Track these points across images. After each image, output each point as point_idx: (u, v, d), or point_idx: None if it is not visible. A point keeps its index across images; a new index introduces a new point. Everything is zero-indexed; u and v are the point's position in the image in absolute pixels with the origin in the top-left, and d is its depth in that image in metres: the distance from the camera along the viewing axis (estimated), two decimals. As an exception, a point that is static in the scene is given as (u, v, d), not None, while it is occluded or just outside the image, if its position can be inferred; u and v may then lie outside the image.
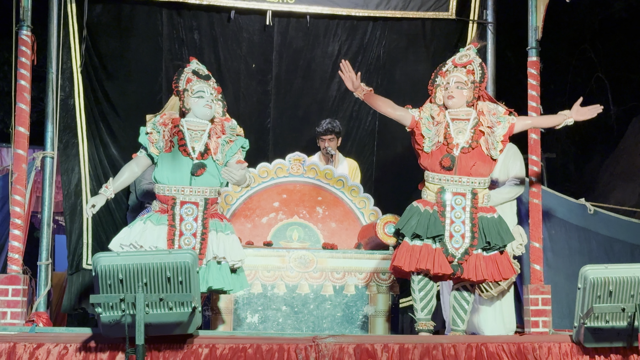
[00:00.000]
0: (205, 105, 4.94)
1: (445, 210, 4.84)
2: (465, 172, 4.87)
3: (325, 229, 6.21)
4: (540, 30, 6.01)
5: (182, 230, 4.81)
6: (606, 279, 3.94)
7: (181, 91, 5.01)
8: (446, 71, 5.01)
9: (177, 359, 3.97)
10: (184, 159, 4.88)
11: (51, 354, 3.96)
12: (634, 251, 6.45)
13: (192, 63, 5.11)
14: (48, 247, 6.10)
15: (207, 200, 4.88)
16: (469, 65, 4.98)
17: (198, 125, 4.97)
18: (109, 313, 3.79)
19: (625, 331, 3.99)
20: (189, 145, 4.89)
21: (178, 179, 4.86)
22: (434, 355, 4.06)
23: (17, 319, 5.29)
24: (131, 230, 4.85)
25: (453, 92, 4.93)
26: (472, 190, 4.87)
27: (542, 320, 5.65)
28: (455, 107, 4.95)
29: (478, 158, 4.89)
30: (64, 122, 6.54)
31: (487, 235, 4.82)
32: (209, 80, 5.07)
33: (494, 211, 4.96)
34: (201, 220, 4.84)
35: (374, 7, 6.92)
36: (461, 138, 4.88)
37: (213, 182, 4.91)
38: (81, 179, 6.63)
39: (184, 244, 4.77)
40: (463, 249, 4.80)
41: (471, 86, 4.94)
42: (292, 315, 5.72)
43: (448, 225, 4.82)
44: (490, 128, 4.92)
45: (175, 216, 4.83)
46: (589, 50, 12.12)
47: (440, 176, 4.89)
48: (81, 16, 6.60)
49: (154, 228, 4.81)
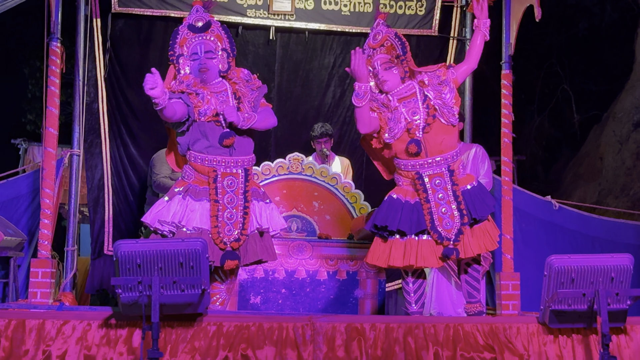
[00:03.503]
0: (200, 68, 4.25)
1: (427, 196, 4.34)
2: (437, 151, 4.33)
3: (320, 220, 6.21)
4: (513, 46, 6.02)
5: (224, 204, 4.23)
6: (569, 268, 3.95)
7: (176, 58, 4.32)
8: (369, 57, 4.37)
9: (188, 335, 3.97)
10: (217, 127, 4.23)
11: (76, 330, 3.96)
12: (594, 243, 6.46)
13: (191, 11, 4.35)
14: (74, 235, 6.11)
15: (247, 171, 4.30)
16: (386, 42, 4.37)
17: (217, 88, 4.28)
18: (127, 294, 3.79)
19: (586, 314, 4.00)
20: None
21: (217, 149, 4.21)
22: (415, 333, 4.06)
23: (46, 298, 5.28)
24: (170, 206, 4.28)
25: (383, 75, 4.34)
26: (448, 167, 4.35)
27: (512, 304, 5.65)
28: (393, 89, 4.37)
29: (443, 132, 4.33)
30: (89, 124, 6.55)
31: (473, 211, 4.34)
32: (208, 30, 4.27)
33: (472, 179, 4.49)
34: (243, 192, 4.27)
35: (366, 24, 6.91)
36: (417, 118, 4.31)
37: (249, 149, 4.34)
38: (104, 175, 6.63)
39: (227, 218, 4.23)
40: (456, 230, 4.31)
41: (397, 61, 4.35)
42: (291, 297, 5.73)
43: (434, 210, 4.32)
44: (441, 99, 4.33)
45: (218, 190, 4.23)
46: (555, 65, 12.14)
47: (413, 162, 4.36)
48: (105, 30, 6.61)
49: (195, 205, 4.25)
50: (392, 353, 4.01)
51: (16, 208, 6.11)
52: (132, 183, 6.75)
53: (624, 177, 9.93)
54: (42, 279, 5.34)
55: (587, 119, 11.82)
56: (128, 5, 6.57)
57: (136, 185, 6.75)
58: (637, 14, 10.60)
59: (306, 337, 3.99)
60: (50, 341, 3.92)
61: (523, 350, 4.06)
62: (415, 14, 6.95)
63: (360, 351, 3.98)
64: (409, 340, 4.04)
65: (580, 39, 12.18)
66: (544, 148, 12.56)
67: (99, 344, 3.94)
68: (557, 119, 12.34)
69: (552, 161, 12.56)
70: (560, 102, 12.03)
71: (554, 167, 12.34)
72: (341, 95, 7.12)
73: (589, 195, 10.23)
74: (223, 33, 4.36)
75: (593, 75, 11.90)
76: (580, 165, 10.90)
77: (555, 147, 12.57)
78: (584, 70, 12.04)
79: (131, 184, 6.74)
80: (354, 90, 4.32)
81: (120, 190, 6.70)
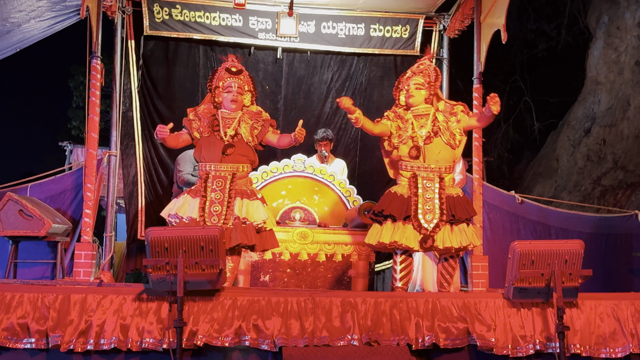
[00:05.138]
0: (232, 99, 4.73)
1: (417, 191, 4.59)
2: (433, 160, 4.63)
3: (320, 211, 6.21)
4: (483, 64, 6.02)
5: (212, 199, 4.62)
6: (530, 251, 3.95)
7: (213, 88, 4.79)
8: (407, 77, 4.80)
9: (208, 307, 3.97)
10: (218, 141, 4.68)
11: (113, 303, 3.96)
12: (551, 231, 6.46)
13: (228, 59, 4.87)
14: (112, 223, 6.13)
15: (234, 175, 4.67)
16: (425, 71, 4.78)
17: (230, 114, 4.75)
18: (157, 273, 3.79)
19: (544, 290, 4.00)
20: (222, 130, 4.70)
21: (212, 157, 4.68)
22: (400, 307, 4.06)
23: (88, 276, 5.29)
24: (175, 202, 4.72)
25: (413, 92, 4.72)
26: (439, 175, 4.63)
27: (481, 282, 5.67)
28: (415, 105, 4.72)
29: (441, 147, 4.65)
30: (125, 129, 6.55)
31: (453, 210, 4.57)
32: (240, 74, 4.79)
33: (459, 191, 4.75)
34: (227, 191, 4.64)
35: (359, 45, 6.92)
36: (423, 131, 4.66)
37: (242, 160, 4.72)
38: (137, 173, 6.63)
39: (213, 211, 4.60)
40: (434, 223, 4.55)
41: (427, 86, 4.73)
42: (295, 276, 5.73)
43: (421, 204, 4.56)
44: (446, 122, 4.68)
45: (208, 188, 4.64)
46: (519, 80, 12.12)
47: (412, 164, 4.65)
48: (138, 49, 6.62)
49: (191, 201, 4.65)
50: (380, 323, 4.01)
51: (63, 200, 6.12)
52: (161, 179, 6.74)
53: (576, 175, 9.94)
54: (85, 260, 5.36)
55: (545, 126, 11.81)
56: (158, 28, 6.57)
57: (165, 181, 6.74)
58: (588, 37, 10.59)
59: (308, 310, 4.00)
60: (92, 312, 3.92)
61: (491, 321, 4.06)
62: (400, 37, 6.95)
63: (353, 321, 3.98)
64: (394, 313, 4.04)
65: (539, 59, 12.18)
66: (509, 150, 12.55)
67: (132, 315, 3.93)
68: (520, 126, 12.33)
69: (516, 162, 12.55)
70: (523, 111, 12.01)
71: (517, 166, 12.33)
72: (338, 106, 7.08)
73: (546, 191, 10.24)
74: (249, 80, 4.87)
75: (551, 89, 11.88)
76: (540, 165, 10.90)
77: (518, 150, 12.56)
78: (543, 84, 12.02)
79: (160, 180, 6.74)
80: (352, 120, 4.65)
81: (151, 185, 6.70)
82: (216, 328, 3.92)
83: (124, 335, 3.89)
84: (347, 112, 4.63)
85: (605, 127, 9.74)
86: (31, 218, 5.41)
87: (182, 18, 6.61)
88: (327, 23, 6.84)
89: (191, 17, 6.61)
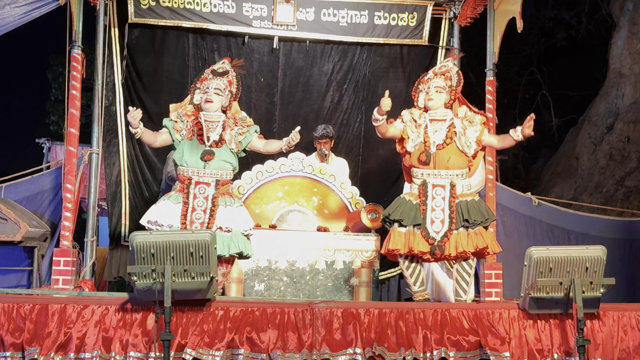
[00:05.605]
0: (206, 99, 4.82)
1: (427, 200, 4.71)
2: (443, 166, 4.74)
3: (319, 214, 6.21)
4: (497, 55, 6.02)
5: (194, 206, 4.70)
6: (547, 258, 3.95)
7: (192, 88, 4.94)
8: (427, 79, 4.91)
9: (198, 319, 3.97)
10: (201, 146, 4.78)
11: (95, 314, 3.96)
12: (570, 235, 6.46)
13: (218, 63, 5.01)
14: (93, 226, 6.11)
15: (218, 182, 4.76)
16: (447, 73, 4.89)
17: (213, 117, 4.85)
18: (142, 281, 3.79)
19: (562, 301, 4.00)
20: (205, 134, 4.80)
21: (195, 162, 4.76)
22: (406, 318, 4.07)
23: (67, 285, 5.29)
24: (156, 208, 4.78)
25: (433, 95, 4.81)
26: (450, 182, 4.73)
27: (495, 291, 5.67)
28: (434, 108, 4.83)
29: (453, 153, 4.75)
30: (107, 125, 6.54)
31: (465, 214, 4.67)
32: (224, 75, 4.92)
33: (474, 195, 4.82)
34: (211, 198, 4.72)
35: (362, 34, 6.91)
36: (437, 136, 4.76)
37: (225, 167, 4.81)
38: (121, 172, 6.63)
39: (195, 218, 4.68)
40: (442, 232, 4.66)
41: (448, 90, 4.84)
42: (292, 285, 5.73)
43: (429, 213, 4.69)
44: (464, 130, 4.80)
45: (190, 194, 4.72)
46: (535, 72, 12.12)
47: (422, 171, 4.76)
48: (122, 38, 6.61)
49: (172, 206, 4.72)
50: (384, 336, 4.01)
51: (40, 202, 6.11)
52: (147, 179, 6.74)
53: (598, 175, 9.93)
54: (64, 267, 5.35)
55: (564, 122, 11.81)
56: (143, 16, 6.56)
57: (151, 181, 6.74)
58: (610, 25, 10.59)
59: (306, 321, 4.00)
60: (71, 324, 3.92)
61: (505, 334, 4.06)
62: (407, 25, 6.94)
63: (355, 334, 3.99)
64: (400, 324, 4.04)
65: (558, 49, 12.18)
66: (525, 149, 12.54)
67: (115, 327, 3.94)
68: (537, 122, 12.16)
69: (532, 161, 12.55)
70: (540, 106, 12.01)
71: (534, 166, 12.33)
72: (339, 100, 7.11)
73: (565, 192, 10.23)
74: (235, 80, 4.98)
75: (570, 82, 11.89)
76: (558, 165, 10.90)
77: (535, 148, 12.56)
78: (561, 77, 12.03)
79: (146, 180, 6.74)
80: (374, 115, 4.76)
81: (136, 186, 6.70)
82: (207, 341, 3.92)
83: (106, 348, 3.90)
84: (380, 109, 4.70)
85: (630, 123, 9.73)
86: (5, 221, 5.41)
87: (170, 4, 6.60)
88: (328, 10, 6.84)
89: (180, 4, 6.61)
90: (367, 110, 7.04)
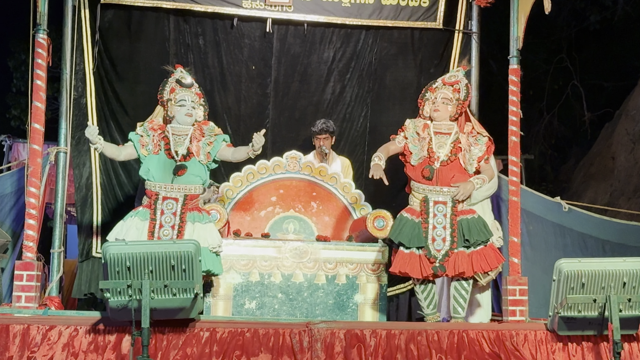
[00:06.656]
0: (187, 113, 5.17)
1: (428, 217, 5.04)
2: (446, 183, 5.07)
3: (319, 222, 6.21)
4: (521, 40, 6.02)
5: (162, 222, 4.98)
6: (579, 272, 3.96)
7: (165, 101, 5.23)
8: (435, 88, 5.25)
9: (180, 341, 3.97)
10: (169, 160, 5.10)
11: (62, 335, 3.96)
12: (605, 246, 6.46)
13: (176, 72, 5.27)
14: (60, 236, 6.10)
15: (186, 196, 5.07)
16: (456, 85, 5.20)
17: (181, 131, 5.17)
18: (116, 298, 3.79)
19: (596, 320, 4.01)
20: (172, 149, 5.11)
21: (162, 177, 5.08)
22: (418, 340, 4.07)
23: (31, 302, 5.28)
24: (123, 224, 5.01)
25: (439, 106, 5.17)
26: (452, 199, 5.05)
27: (519, 310, 5.66)
28: (440, 120, 5.18)
29: (457, 170, 5.10)
30: (77, 120, 6.54)
31: (467, 234, 4.98)
32: (192, 87, 5.26)
33: (473, 212, 5.13)
34: (179, 214, 5.01)
35: (367, 16, 6.91)
36: (442, 152, 5.12)
37: (195, 181, 5.12)
38: (92, 173, 6.63)
39: (163, 235, 4.92)
40: (444, 251, 4.98)
41: (455, 103, 5.19)
42: (287, 302, 5.73)
43: (431, 231, 5.03)
44: (469, 146, 5.15)
45: (157, 210, 5.01)
46: (565, 60, 12.14)
47: (424, 186, 5.11)
48: (94, 21, 6.60)
49: (140, 223, 4.97)
50: (393, 361, 4.02)
51: (0, 208, 6.11)
52: (122, 182, 6.74)
53: (637, 177, 9.95)
54: (27, 282, 5.34)
55: (598, 116, 11.83)
56: (118, -5, 6.57)
57: (126, 184, 6.73)
58: (651, 7, 10.63)
59: (303, 344, 4.00)
60: (35, 347, 3.92)
61: (531, 359, 4.06)
62: (419, 6, 6.94)
63: (360, 359, 3.99)
64: (411, 348, 4.05)
65: (591, 33, 12.19)
66: (553, 147, 12.58)
67: (86, 351, 3.94)
68: (567, 116, 12.35)
69: (562, 161, 12.57)
70: (571, 98, 12.04)
71: (564, 167, 12.35)
72: (341, 91, 7.11)
73: (600, 197, 10.25)
74: (200, 93, 5.34)
75: (605, 71, 11.91)
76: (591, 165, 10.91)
77: (565, 146, 12.59)
78: (595, 65, 12.05)
79: (121, 183, 6.73)
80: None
81: (110, 190, 6.69)
82: (190, 367, 3.92)
83: (75, 375, 3.90)
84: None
85: (673, 117, 9.76)
86: (-40, 230, 5.41)
87: (148, -19, 6.62)
88: (329, -12, 6.85)
89: (159, -19, 6.62)
90: (373, 103, 7.05)
